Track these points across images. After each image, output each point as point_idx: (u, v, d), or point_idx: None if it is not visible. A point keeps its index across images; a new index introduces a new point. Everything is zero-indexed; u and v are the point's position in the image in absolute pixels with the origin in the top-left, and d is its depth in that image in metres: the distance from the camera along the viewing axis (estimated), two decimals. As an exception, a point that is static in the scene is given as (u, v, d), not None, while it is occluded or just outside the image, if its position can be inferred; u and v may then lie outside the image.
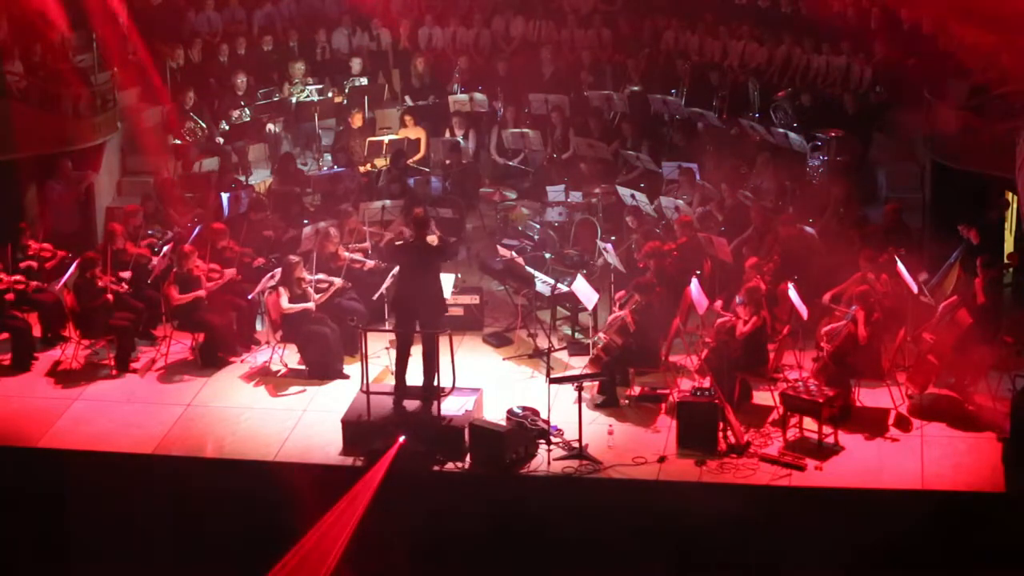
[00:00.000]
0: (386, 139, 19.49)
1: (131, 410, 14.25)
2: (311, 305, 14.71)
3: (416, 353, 13.62)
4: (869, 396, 13.79)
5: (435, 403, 13.38)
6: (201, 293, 15.02)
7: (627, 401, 14.05)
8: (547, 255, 16.35)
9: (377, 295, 15.35)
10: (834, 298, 14.38)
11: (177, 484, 13.10)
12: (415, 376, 13.67)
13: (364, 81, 20.78)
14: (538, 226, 17.16)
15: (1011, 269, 15.09)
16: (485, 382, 14.21)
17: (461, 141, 19.47)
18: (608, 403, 13.95)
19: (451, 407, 13.42)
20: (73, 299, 15.02)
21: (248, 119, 19.74)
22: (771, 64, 20.05)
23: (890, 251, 14.76)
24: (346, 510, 12.28)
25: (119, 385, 14.81)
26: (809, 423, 13.12)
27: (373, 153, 19.24)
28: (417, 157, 19.43)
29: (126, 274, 15.61)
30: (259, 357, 15.24)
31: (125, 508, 13.01)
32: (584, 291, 14.65)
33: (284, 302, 14.62)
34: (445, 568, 12.70)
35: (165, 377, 14.96)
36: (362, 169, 18.94)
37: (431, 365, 13.53)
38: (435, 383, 13.52)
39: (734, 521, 12.21)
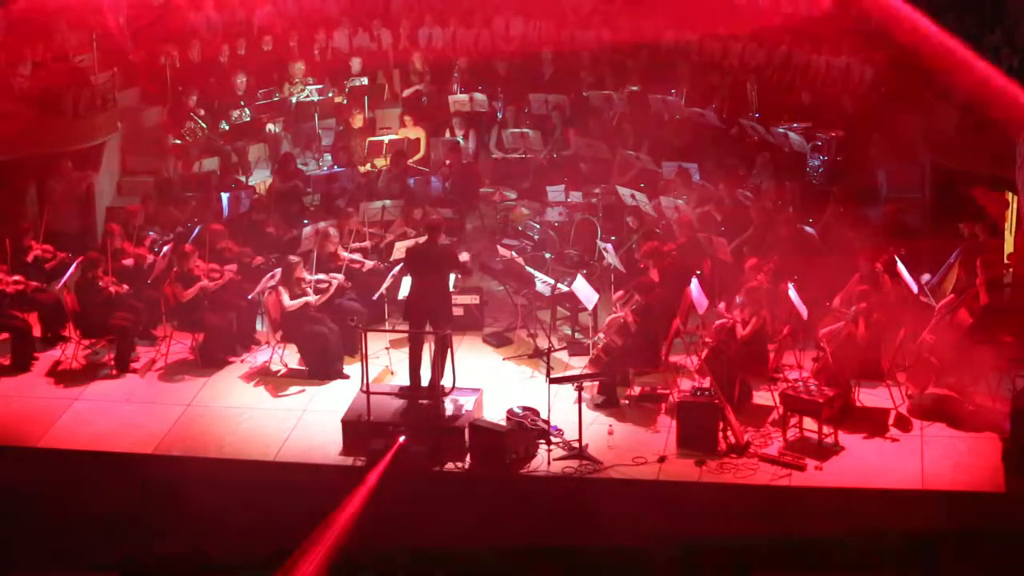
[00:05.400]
0: (386, 139, 19.51)
1: (131, 410, 14.25)
2: (311, 298, 14.70)
3: (425, 351, 13.69)
4: (869, 396, 13.79)
5: (437, 403, 13.40)
6: (205, 282, 15.01)
7: (627, 401, 14.05)
8: (547, 255, 16.36)
9: (377, 295, 15.36)
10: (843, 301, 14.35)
11: (177, 484, 13.09)
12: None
13: (364, 81, 20.79)
14: (538, 226, 17.16)
15: (1011, 269, 15.09)
16: (485, 382, 14.21)
17: (461, 141, 19.48)
18: (608, 403, 13.95)
19: (451, 407, 13.43)
20: (73, 299, 15.02)
21: (248, 119, 19.75)
22: (771, 64, 20.04)
23: (890, 251, 14.77)
24: (345, 510, 12.28)
25: (119, 385, 14.82)
26: (809, 423, 13.12)
27: (373, 153, 19.26)
28: (417, 157, 19.45)
29: (128, 262, 15.60)
30: (259, 357, 15.25)
31: (125, 508, 13.00)
32: (584, 291, 14.65)
33: (286, 299, 14.62)
34: (444, 569, 12.70)
35: (165, 377, 14.96)
36: (362, 169, 18.95)
37: (439, 366, 13.56)
38: (440, 383, 13.57)
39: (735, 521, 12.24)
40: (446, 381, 13.61)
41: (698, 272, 14.93)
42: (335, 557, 12.09)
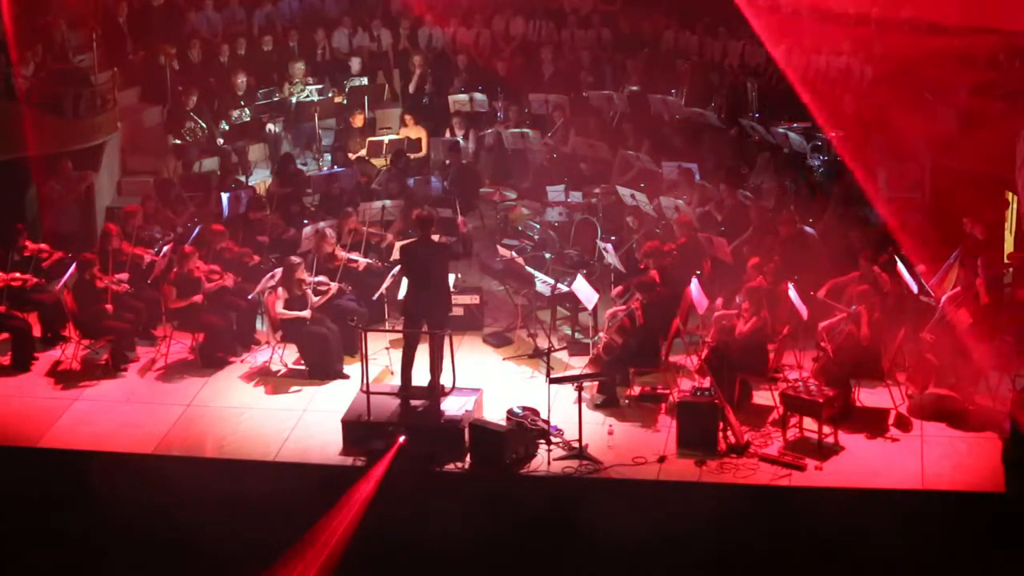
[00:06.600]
0: (386, 139, 19.52)
1: (131, 410, 14.25)
2: (306, 314, 14.67)
3: (421, 352, 13.67)
4: (869, 396, 13.79)
5: (436, 403, 13.39)
6: (198, 299, 15.01)
7: (627, 401, 14.06)
8: (547, 255, 16.36)
9: (377, 295, 15.36)
10: (829, 293, 14.35)
11: (177, 484, 13.09)
12: (418, 376, 13.70)
13: (364, 81, 20.80)
14: (538, 226, 17.16)
15: (1011, 269, 15.09)
16: (485, 382, 14.21)
17: (461, 141, 19.48)
18: (608, 403, 13.94)
19: (451, 407, 13.44)
20: (73, 300, 15.01)
21: (248, 119, 19.75)
22: (771, 64, 20.04)
23: (890, 251, 14.76)
24: (345, 510, 12.28)
25: (119, 385, 14.81)
26: (809, 423, 13.11)
27: (373, 153, 19.27)
28: (417, 157, 19.45)
29: (123, 275, 15.61)
30: (259, 357, 15.25)
31: (125, 508, 13.00)
32: (584, 291, 14.66)
33: (280, 306, 14.62)
34: (443, 569, 12.69)
35: (165, 377, 14.96)
36: (352, 156, 18.95)
37: (436, 366, 13.56)
38: (439, 383, 13.56)
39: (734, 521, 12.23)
40: (446, 381, 13.61)
41: (698, 272, 14.94)
42: (334, 557, 12.11)
